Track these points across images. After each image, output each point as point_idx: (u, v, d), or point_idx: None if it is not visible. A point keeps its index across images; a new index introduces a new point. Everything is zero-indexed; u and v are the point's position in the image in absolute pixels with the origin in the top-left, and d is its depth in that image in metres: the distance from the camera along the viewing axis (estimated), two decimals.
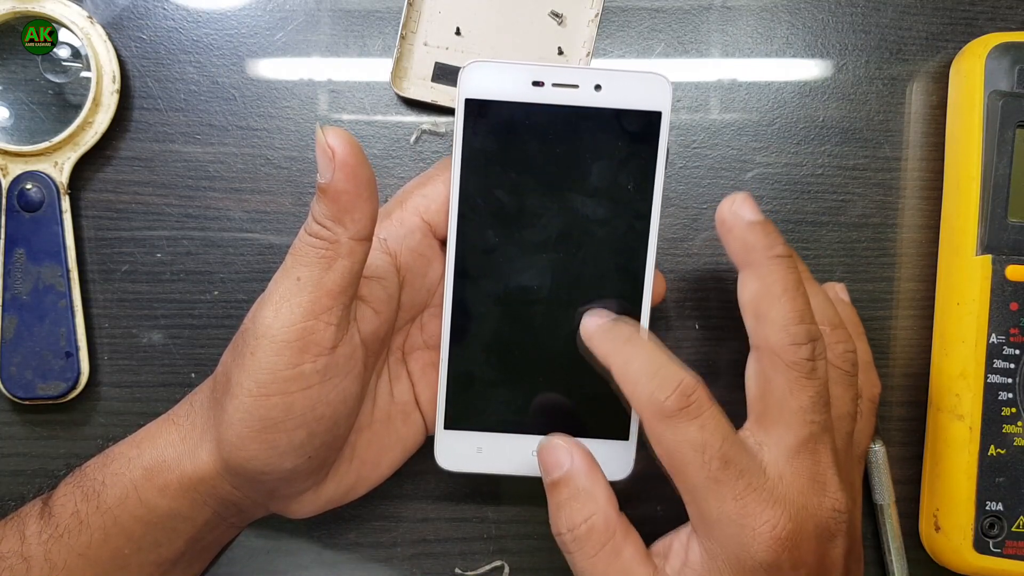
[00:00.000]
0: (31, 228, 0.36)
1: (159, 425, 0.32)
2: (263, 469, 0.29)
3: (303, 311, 0.28)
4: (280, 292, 0.28)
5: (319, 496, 0.32)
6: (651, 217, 0.32)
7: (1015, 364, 0.35)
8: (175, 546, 0.32)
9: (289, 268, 0.28)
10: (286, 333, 0.28)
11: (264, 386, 0.28)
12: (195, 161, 0.38)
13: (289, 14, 0.39)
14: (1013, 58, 0.36)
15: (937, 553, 0.37)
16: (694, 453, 0.28)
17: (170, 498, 0.31)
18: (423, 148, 0.39)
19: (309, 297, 0.28)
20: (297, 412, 0.28)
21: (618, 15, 0.39)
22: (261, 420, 0.28)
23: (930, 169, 0.40)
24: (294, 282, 0.28)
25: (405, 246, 0.32)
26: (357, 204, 0.28)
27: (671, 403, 0.28)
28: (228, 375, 0.29)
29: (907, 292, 0.40)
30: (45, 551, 0.31)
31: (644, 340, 0.30)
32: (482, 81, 0.31)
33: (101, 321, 0.38)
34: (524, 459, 0.33)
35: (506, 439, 0.33)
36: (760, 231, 0.29)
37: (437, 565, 0.38)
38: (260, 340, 0.28)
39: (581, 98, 0.31)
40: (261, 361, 0.28)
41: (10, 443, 0.38)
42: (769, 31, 0.40)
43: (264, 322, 0.28)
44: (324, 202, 0.28)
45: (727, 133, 0.39)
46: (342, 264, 0.28)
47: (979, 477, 0.35)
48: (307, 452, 0.30)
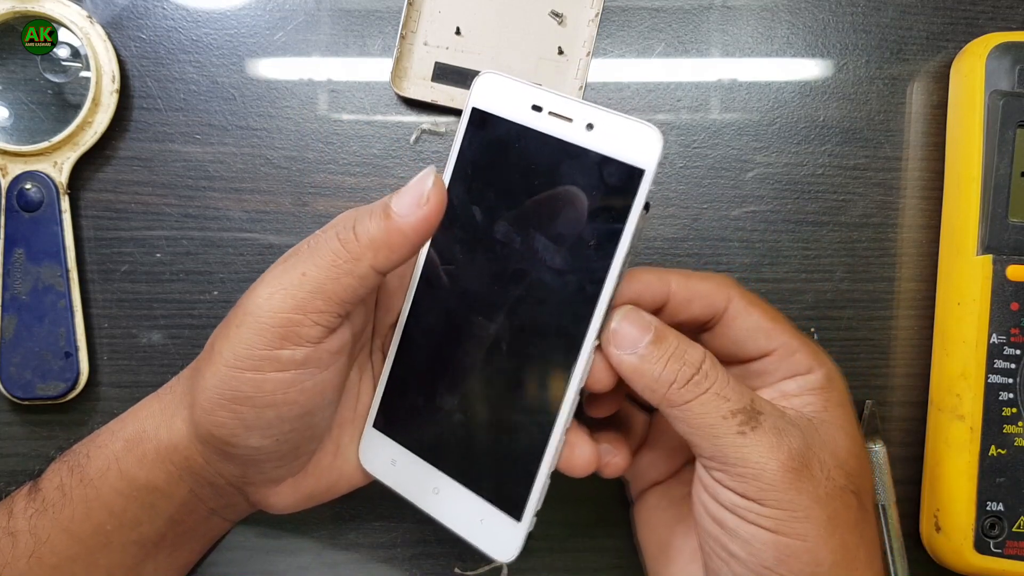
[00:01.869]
0: (30, 228, 0.36)
1: (145, 400, 0.33)
2: (229, 439, 0.29)
3: (295, 304, 0.28)
4: (282, 279, 0.28)
5: (298, 489, 0.32)
6: (604, 282, 0.28)
7: (1016, 364, 0.35)
8: (155, 525, 0.32)
9: (302, 258, 0.29)
10: (272, 318, 0.28)
11: (240, 359, 0.28)
12: (195, 161, 0.38)
13: (289, 14, 0.39)
14: (1014, 58, 0.36)
15: (937, 553, 0.37)
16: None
17: (147, 469, 0.31)
18: (423, 148, 0.39)
19: (306, 295, 0.28)
20: (267, 391, 0.29)
21: (618, 15, 0.39)
22: (232, 391, 0.28)
23: (931, 169, 0.40)
24: (299, 275, 0.28)
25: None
26: (403, 249, 0.28)
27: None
28: (212, 343, 0.30)
29: (908, 292, 0.39)
30: (30, 526, 0.31)
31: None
32: (490, 94, 0.30)
33: (100, 321, 0.38)
34: (425, 491, 0.31)
35: (415, 462, 0.31)
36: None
37: (437, 565, 0.38)
38: (247, 316, 0.28)
39: (571, 134, 0.28)
40: (243, 335, 0.28)
41: (10, 443, 0.38)
42: (770, 31, 0.40)
43: (256, 301, 0.28)
44: (381, 226, 0.28)
45: (727, 133, 0.39)
46: (350, 282, 0.28)
47: (980, 477, 0.35)
48: (274, 434, 0.30)
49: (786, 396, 0.31)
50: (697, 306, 0.31)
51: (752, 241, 0.39)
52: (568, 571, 0.39)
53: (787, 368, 0.31)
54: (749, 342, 0.31)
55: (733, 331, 0.31)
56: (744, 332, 0.31)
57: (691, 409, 0.28)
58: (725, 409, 0.28)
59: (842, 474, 0.29)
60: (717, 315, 0.31)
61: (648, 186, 0.27)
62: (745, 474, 0.28)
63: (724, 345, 0.32)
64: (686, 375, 0.28)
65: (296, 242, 0.38)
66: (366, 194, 0.39)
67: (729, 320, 0.31)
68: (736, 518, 0.28)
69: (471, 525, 0.30)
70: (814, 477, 0.28)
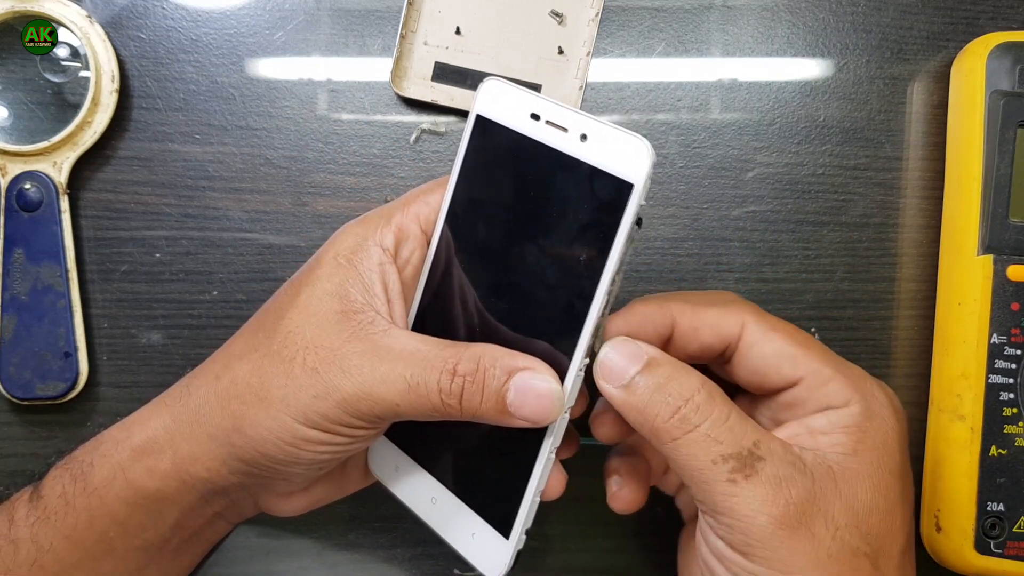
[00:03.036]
0: (30, 228, 0.36)
1: (150, 408, 0.32)
2: (274, 467, 0.29)
3: (385, 408, 0.27)
4: (384, 369, 0.27)
5: (309, 495, 0.33)
6: (592, 299, 0.27)
7: (1016, 364, 0.35)
8: (160, 531, 0.32)
9: (404, 367, 0.27)
10: (364, 406, 0.27)
11: (310, 421, 0.28)
12: (194, 161, 0.38)
13: (289, 14, 0.39)
14: (1014, 58, 0.36)
15: (938, 553, 0.37)
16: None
17: (158, 479, 0.30)
18: (423, 148, 0.39)
19: (393, 405, 0.27)
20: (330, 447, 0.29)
21: (618, 14, 0.39)
22: (292, 437, 0.28)
23: (931, 169, 0.39)
24: (403, 380, 0.27)
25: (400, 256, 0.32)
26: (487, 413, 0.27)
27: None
28: (265, 378, 0.29)
29: (908, 292, 0.39)
30: (32, 533, 0.31)
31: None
32: (493, 100, 0.30)
33: (100, 321, 0.38)
34: (423, 500, 0.32)
35: (417, 471, 0.32)
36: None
37: (437, 566, 0.38)
38: (333, 393, 0.27)
39: (566, 144, 0.28)
40: (321, 405, 0.28)
41: (9, 443, 0.38)
42: (770, 30, 0.40)
43: (350, 380, 0.27)
44: (488, 409, 0.27)
45: (728, 133, 0.39)
46: (430, 414, 0.28)
47: (980, 478, 0.35)
48: (323, 468, 0.30)
49: (813, 433, 0.28)
50: (707, 335, 0.29)
51: (752, 241, 0.39)
52: (568, 571, 0.39)
53: (818, 400, 0.28)
54: (771, 371, 0.28)
55: (751, 359, 0.29)
56: (763, 360, 0.28)
57: (678, 449, 0.26)
58: (715, 453, 0.26)
59: (856, 534, 0.26)
60: (732, 342, 0.29)
61: (638, 200, 0.26)
62: (733, 525, 0.25)
63: (745, 376, 0.29)
64: (670, 409, 0.26)
65: (296, 242, 0.39)
66: (366, 194, 0.39)
67: (746, 348, 0.29)
68: (723, 568, 0.26)
69: (463, 538, 0.30)
70: (815, 535, 0.25)
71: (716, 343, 0.29)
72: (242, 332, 0.31)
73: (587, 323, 0.27)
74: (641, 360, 0.27)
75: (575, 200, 0.27)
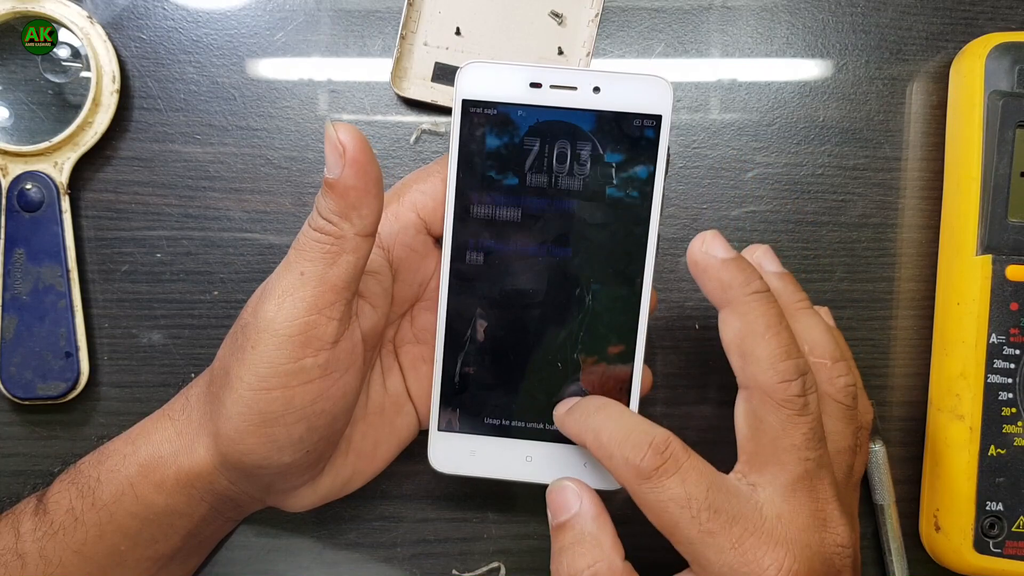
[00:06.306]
0: (31, 228, 0.36)
1: (154, 421, 0.32)
2: (261, 463, 0.29)
3: (306, 305, 0.28)
4: (283, 286, 0.28)
5: (316, 490, 0.32)
6: (650, 222, 0.31)
7: (1015, 364, 0.35)
8: (171, 542, 0.32)
9: (292, 262, 0.28)
10: (288, 327, 0.28)
11: (264, 380, 0.28)
12: (195, 161, 0.38)
13: (289, 14, 0.39)
14: (1013, 58, 0.36)
15: (937, 553, 0.37)
16: (680, 509, 0.27)
17: (166, 494, 0.31)
18: (423, 148, 0.39)
19: (313, 292, 0.28)
20: (297, 406, 0.28)
21: (618, 15, 0.39)
22: (260, 414, 0.28)
23: (930, 169, 0.40)
24: (297, 276, 0.28)
25: (398, 242, 0.32)
26: (364, 200, 0.28)
27: (646, 463, 0.27)
28: (226, 369, 0.29)
29: (907, 292, 0.40)
30: (40, 548, 0.31)
31: (610, 407, 0.30)
32: (479, 82, 0.31)
33: (101, 321, 0.38)
34: (517, 464, 0.33)
35: (499, 443, 0.33)
36: (735, 268, 0.29)
37: (437, 565, 0.38)
38: (262, 334, 0.28)
39: (579, 100, 0.30)
40: (262, 354, 0.28)
41: (10, 443, 0.38)
42: (769, 31, 0.40)
43: (266, 316, 0.28)
44: (331, 197, 0.28)
45: (727, 133, 0.39)
46: (347, 259, 0.28)
47: (979, 477, 0.35)
48: (305, 446, 0.30)
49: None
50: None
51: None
52: None
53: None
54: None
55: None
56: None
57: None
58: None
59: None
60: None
61: (668, 129, 0.30)
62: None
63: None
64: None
65: None
66: None
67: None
68: None
69: (575, 473, 0.32)
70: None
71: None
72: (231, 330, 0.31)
73: (649, 247, 0.31)
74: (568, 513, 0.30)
75: (604, 148, 0.30)
